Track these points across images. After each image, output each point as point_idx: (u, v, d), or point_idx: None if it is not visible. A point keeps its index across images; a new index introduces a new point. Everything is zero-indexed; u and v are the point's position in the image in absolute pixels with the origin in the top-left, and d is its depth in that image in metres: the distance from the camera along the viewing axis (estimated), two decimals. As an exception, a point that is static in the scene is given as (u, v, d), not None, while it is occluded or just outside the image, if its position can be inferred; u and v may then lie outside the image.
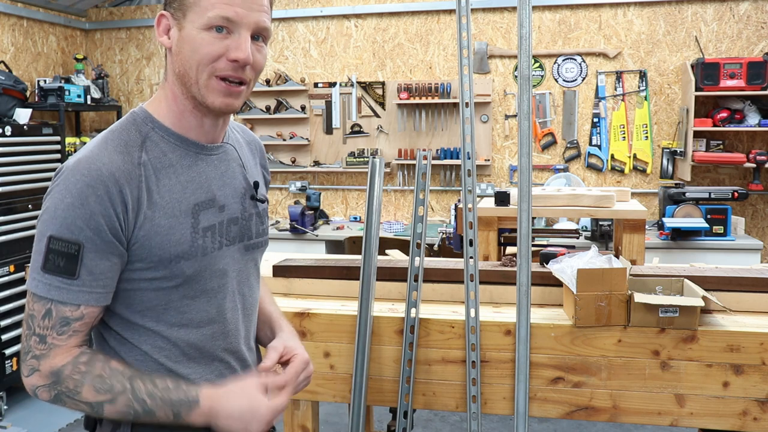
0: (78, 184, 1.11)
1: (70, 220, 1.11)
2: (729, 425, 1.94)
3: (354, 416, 2.08)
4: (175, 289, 1.21)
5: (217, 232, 1.25)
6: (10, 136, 4.16)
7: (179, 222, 1.19)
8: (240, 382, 1.22)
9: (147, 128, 1.21)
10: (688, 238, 4.41)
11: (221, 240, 1.25)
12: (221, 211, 1.26)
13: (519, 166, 2.02)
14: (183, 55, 1.18)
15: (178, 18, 1.18)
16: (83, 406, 1.15)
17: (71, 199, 1.11)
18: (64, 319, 1.14)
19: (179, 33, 1.19)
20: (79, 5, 5.81)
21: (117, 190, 1.13)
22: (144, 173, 1.17)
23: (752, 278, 2.13)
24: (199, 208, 1.22)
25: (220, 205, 1.26)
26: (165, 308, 1.21)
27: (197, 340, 1.26)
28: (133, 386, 1.15)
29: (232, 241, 1.28)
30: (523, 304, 1.98)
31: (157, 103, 1.25)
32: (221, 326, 1.29)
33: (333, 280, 2.35)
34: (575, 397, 2.00)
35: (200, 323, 1.25)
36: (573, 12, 5.08)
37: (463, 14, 2.05)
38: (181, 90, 1.21)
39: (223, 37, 1.16)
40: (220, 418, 1.18)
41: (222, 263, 1.26)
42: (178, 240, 1.18)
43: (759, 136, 4.87)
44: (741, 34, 4.82)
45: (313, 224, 5.16)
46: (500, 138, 5.31)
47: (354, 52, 5.50)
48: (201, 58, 1.17)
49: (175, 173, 1.20)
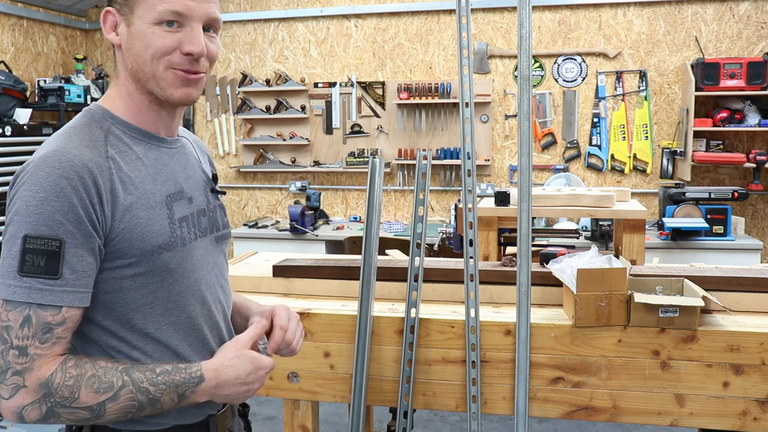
0: (50, 177, 1.06)
1: (46, 215, 1.05)
2: (729, 425, 1.94)
3: (354, 416, 2.08)
4: (161, 285, 1.17)
5: (191, 223, 1.23)
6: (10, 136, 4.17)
7: (156, 213, 1.16)
8: (232, 348, 1.22)
9: (107, 124, 1.18)
10: (688, 238, 4.41)
11: (195, 231, 1.23)
12: (190, 202, 1.24)
13: (519, 166, 2.02)
14: (135, 51, 1.16)
15: (125, 14, 1.16)
16: (82, 413, 1.08)
17: (44, 193, 1.05)
18: (46, 325, 1.06)
19: (128, 29, 1.17)
20: (79, 5, 5.81)
21: (92, 180, 1.08)
22: (113, 166, 1.13)
23: (752, 278, 2.13)
24: (171, 199, 1.20)
25: (189, 196, 1.24)
26: (152, 307, 1.17)
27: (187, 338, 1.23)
28: (132, 378, 1.10)
29: (204, 233, 1.26)
30: (523, 304, 1.98)
31: (111, 100, 1.22)
32: (208, 320, 1.27)
33: (333, 280, 2.35)
34: (575, 397, 2.00)
35: (189, 319, 1.22)
36: (573, 12, 5.08)
37: (463, 14, 2.05)
38: (136, 86, 1.19)
39: (175, 30, 1.15)
40: (225, 387, 1.17)
41: (199, 254, 1.24)
42: (158, 231, 1.15)
43: (759, 136, 4.87)
44: (741, 34, 4.82)
45: (313, 224, 5.16)
46: (500, 138, 5.31)
47: (354, 52, 5.50)
48: (154, 52, 1.15)
49: (143, 165, 1.18)
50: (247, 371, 1.20)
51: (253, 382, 1.20)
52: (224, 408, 1.31)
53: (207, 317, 1.26)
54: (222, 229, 1.34)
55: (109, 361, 1.12)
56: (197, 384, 1.15)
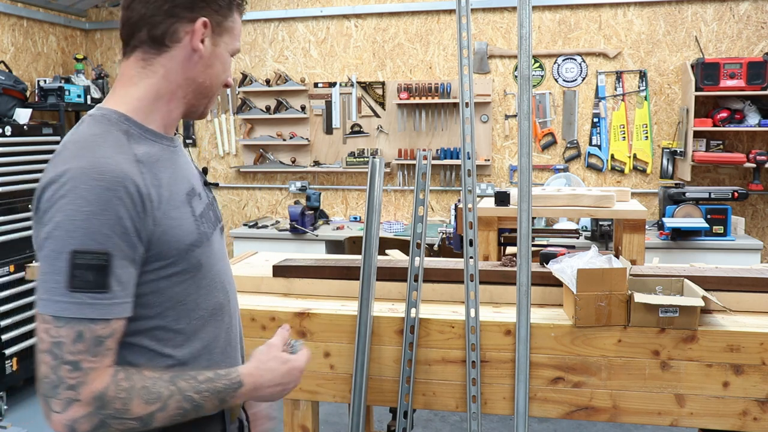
0: (94, 190, 1.06)
1: (94, 229, 1.05)
2: (729, 425, 1.94)
3: (354, 416, 2.08)
4: (193, 281, 1.21)
5: (206, 218, 1.26)
6: (10, 136, 4.17)
7: (182, 213, 1.19)
8: (266, 351, 1.27)
9: (125, 126, 1.17)
10: (688, 238, 4.41)
11: (210, 225, 1.27)
12: (200, 198, 1.27)
13: (519, 166, 2.02)
14: (214, 70, 1.25)
15: (217, 33, 1.24)
16: (132, 423, 1.09)
17: (90, 207, 1.05)
18: (98, 338, 1.07)
19: (213, 48, 1.24)
20: (79, 5, 5.81)
21: (135, 190, 1.09)
22: (144, 170, 1.13)
23: (752, 278, 2.13)
24: (189, 196, 1.23)
25: (198, 193, 1.27)
26: (184, 303, 1.20)
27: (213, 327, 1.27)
28: (179, 387, 1.12)
29: (214, 226, 1.30)
30: (523, 304, 1.98)
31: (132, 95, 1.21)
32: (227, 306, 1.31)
33: (333, 280, 2.35)
34: (575, 397, 2.00)
35: (214, 309, 1.27)
36: (573, 12, 5.08)
37: (463, 14, 2.05)
38: (186, 94, 1.24)
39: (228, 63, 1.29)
40: (262, 389, 1.23)
41: (216, 247, 1.28)
42: (188, 230, 1.18)
43: (759, 136, 4.87)
44: (741, 34, 4.82)
45: (313, 224, 5.16)
46: (500, 138, 5.31)
47: (354, 52, 5.50)
48: (225, 77, 1.28)
49: (163, 166, 1.19)
50: (282, 372, 1.26)
51: (288, 383, 1.27)
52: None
53: (227, 304, 1.31)
54: (221, 221, 1.38)
55: (155, 371, 1.14)
56: (237, 389, 1.20)
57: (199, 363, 1.23)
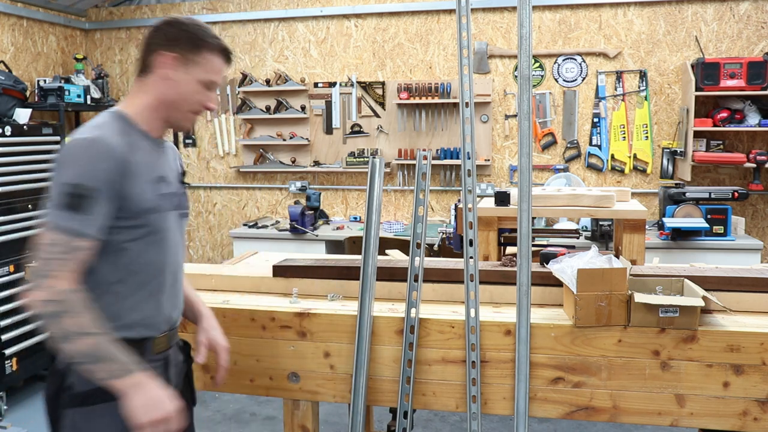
0: (94, 147, 1.54)
1: (90, 171, 1.52)
2: (729, 425, 1.94)
3: (354, 416, 2.08)
4: (153, 244, 1.66)
5: (167, 198, 1.71)
6: (10, 136, 4.16)
7: (150, 187, 1.65)
8: (166, 393, 1.57)
9: (123, 121, 1.66)
10: (689, 238, 4.40)
11: (170, 204, 1.72)
12: (168, 186, 1.73)
13: (519, 166, 2.02)
14: (183, 93, 1.67)
15: (188, 61, 1.66)
16: (54, 330, 1.49)
17: (90, 157, 1.53)
18: (73, 247, 1.51)
19: (186, 76, 1.66)
20: (79, 5, 5.81)
21: (122, 157, 1.57)
22: (129, 151, 1.60)
23: (752, 278, 2.13)
24: (158, 180, 1.68)
25: (168, 181, 1.73)
26: (146, 263, 1.65)
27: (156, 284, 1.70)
28: (98, 340, 1.50)
29: (174, 207, 1.74)
30: (523, 304, 1.98)
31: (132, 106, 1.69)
32: (171, 273, 1.74)
33: (333, 280, 2.35)
34: (575, 397, 2.00)
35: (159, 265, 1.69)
36: (573, 12, 5.08)
37: (463, 14, 2.05)
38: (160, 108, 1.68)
39: (207, 91, 1.71)
40: (135, 396, 1.52)
41: (171, 222, 1.72)
42: (149, 199, 1.64)
43: (759, 136, 4.87)
44: (741, 33, 4.82)
45: (313, 224, 5.16)
46: (500, 138, 5.31)
47: (354, 52, 5.50)
48: (193, 102, 1.70)
49: (144, 154, 1.65)
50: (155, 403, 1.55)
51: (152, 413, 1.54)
52: (162, 334, 1.73)
53: (172, 271, 1.75)
54: (185, 209, 1.82)
55: (99, 317, 1.54)
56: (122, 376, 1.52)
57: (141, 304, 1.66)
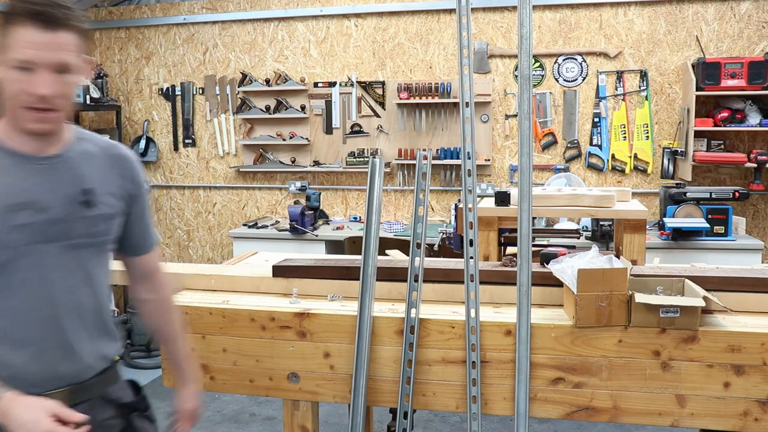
0: None
1: None
2: (730, 426, 1.93)
3: (354, 416, 2.08)
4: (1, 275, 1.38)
5: (31, 230, 1.41)
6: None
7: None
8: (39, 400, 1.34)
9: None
10: (689, 238, 4.40)
11: (34, 237, 1.41)
12: (40, 213, 1.41)
13: (519, 166, 2.02)
14: (9, 87, 1.37)
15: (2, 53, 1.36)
16: None
17: None
18: None
19: (4, 69, 1.37)
20: (78, 5, 5.79)
21: None
22: None
23: (753, 278, 2.13)
24: (16, 207, 1.39)
25: (42, 207, 1.42)
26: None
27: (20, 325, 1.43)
28: None
29: (49, 239, 1.43)
30: (523, 305, 1.98)
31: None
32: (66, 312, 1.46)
33: (333, 280, 2.34)
34: (576, 398, 1.99)
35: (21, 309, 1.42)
36: (573, 11, 5.07)
37: (463, 14, 2.04)
38: (8, 116, 1.41)
39: (28, 75, 1.35)
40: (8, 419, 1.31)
41: (44, 257, 1.42)
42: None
43: (760, 136, 4.86)
44: (742, 33, 4.82)
45: (313, 224, 5.16)
46: (500, 138, 5.30)
47: (354, 51, 5.50)
48: (11, 93, 1.37)
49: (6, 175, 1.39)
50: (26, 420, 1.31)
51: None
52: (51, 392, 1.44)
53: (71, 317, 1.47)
54: (78, 238, 1.47)
55: None
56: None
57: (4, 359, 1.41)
